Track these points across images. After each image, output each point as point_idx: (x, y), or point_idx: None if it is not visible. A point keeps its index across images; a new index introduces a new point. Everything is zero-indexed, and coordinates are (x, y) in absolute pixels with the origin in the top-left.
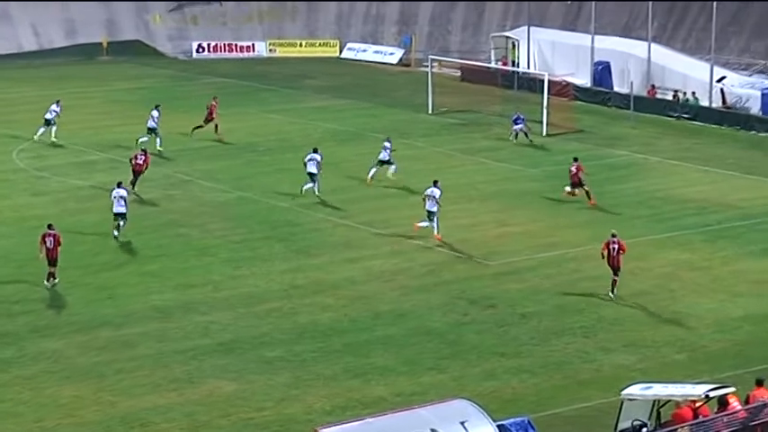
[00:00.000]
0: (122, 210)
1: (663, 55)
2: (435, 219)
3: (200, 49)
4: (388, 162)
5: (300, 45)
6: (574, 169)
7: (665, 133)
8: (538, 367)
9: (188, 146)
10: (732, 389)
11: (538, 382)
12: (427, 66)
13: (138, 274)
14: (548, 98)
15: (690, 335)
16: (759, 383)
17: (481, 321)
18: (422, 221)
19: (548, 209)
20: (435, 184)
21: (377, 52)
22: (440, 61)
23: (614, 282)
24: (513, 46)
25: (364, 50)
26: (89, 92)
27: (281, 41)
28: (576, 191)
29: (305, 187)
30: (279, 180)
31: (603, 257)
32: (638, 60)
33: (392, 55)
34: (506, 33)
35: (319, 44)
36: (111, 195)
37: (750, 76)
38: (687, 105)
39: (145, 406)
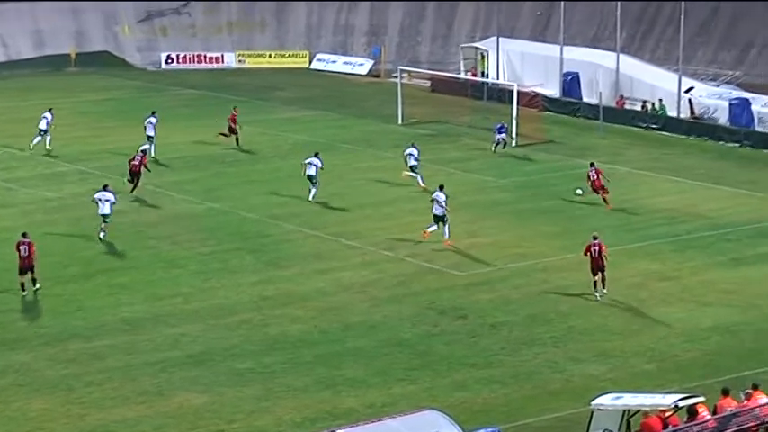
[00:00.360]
0: (107, 212)
1: (631, 66)
2: (446, 223)
3: (170, 60)
4: (414, 169)
5: (270, 56)
6: (594, 174)
7: (633, 143)
8: (508, 377)
9: (158, 156)
10: (701, 398)
11: (508, 393)
12: (397, 77)
13: (108, 286)
14: (517, 109)
15: (659, 344)
16: (725, 393)
17: (452, 332)
18: (430, 226)
19: (517, 220)
20: (441, 188)
21: (346, 63)
22: (409, 72)
23: (595, 283)
24: (483, 57)
25: (334, 61)
26: (57, 103)
27: (250, 52)
28: (603, 195)
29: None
30: (248, 191)
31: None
32: (607, 71)
33: (362, 66)
34: (476, 44)
35: (289, 55)
36: (95, 198)
37: (718, 86)
38: (655, 116)
39: (114, 419)
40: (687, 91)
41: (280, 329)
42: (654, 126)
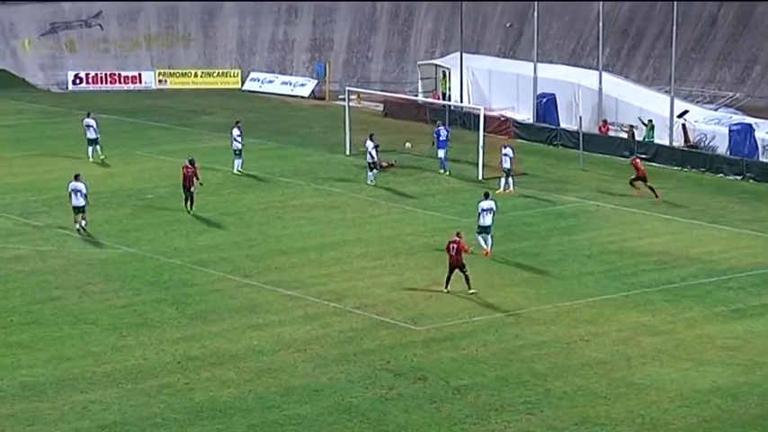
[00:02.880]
0: (81, 203)
1: (616, 86)
2: (490, 234)
3: (78, 80)
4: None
5: (196, 75)
6: (639, 163)
7: (619, 176)
8: None
9: (63, 193)
10: None
11: None
12: (344, 99)
13: (5, 345)
14: (484, 136)
15: (651, 410)
16: None
17: (409, 397)
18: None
19: (485, 265)
20: (487, 196)
21: (285, 83)
22: (359, 93)
23: (448, 279)
24: (444, 75)
25: (270, 81)
26: None
27: (172, 71)
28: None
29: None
30: (171, 233)
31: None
32: (588, 92)
33: (303, 86)
34: (436, 61)
35: (218, 74)
36: (68, 188)
37: (716, 110)
38: (644, 144)
39: None
40: (681, 115)
41: (207, 395)
42: (643, 156)
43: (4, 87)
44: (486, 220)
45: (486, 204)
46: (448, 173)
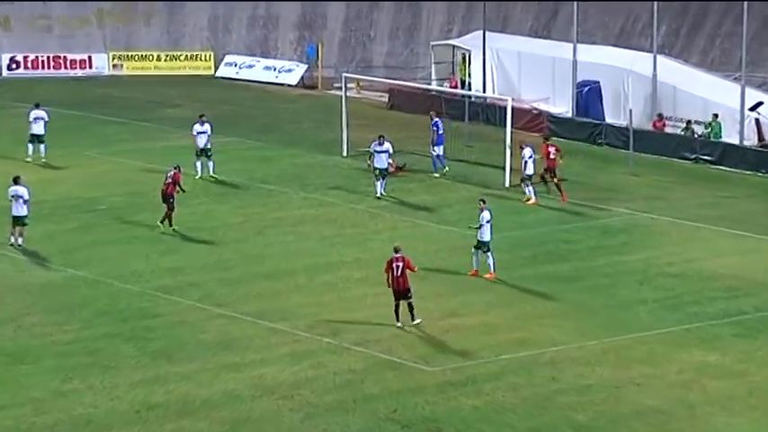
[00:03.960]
0: (23, 213)
1: (674, 71)
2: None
3: (14, 65)
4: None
5: (158, 59)
6: (553, 151)
7: (678, 182)
8: None
9: None
10: None
11: None
12: (340, 88)
13: None
14: (512, 133)
15: None
16: None
17: None
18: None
19: (513, 291)
20: (483, 203)
21: (268, 69)
22: (358, 81)
23: (397, 307)
24: (463, 59)
25: (250, 66)
26: None
27: (130, 54)
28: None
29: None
30: (128, 252)
31: (387, 282)
32: (640, 79)
33: (290, 73)
34: (453, 41)
35: (185, 57)
36: (8, 194)
37: None
38: (710, 143)
39: None
40: (754, 108)
41: None
42: (707, 157)
43: None
44: (485, 234)
45: (485, 214)
46: (447, 169)
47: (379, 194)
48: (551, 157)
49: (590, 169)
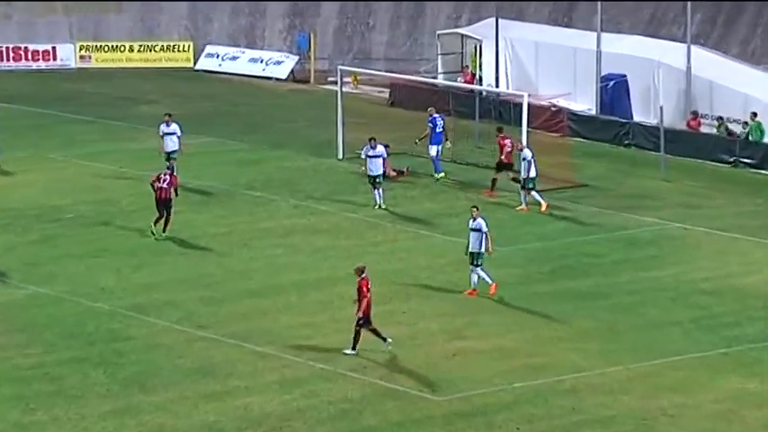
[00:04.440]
0: None
1: (710, 64)
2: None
3: None
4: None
5: (131, 50)
6: (509, 143)
7: (714, 188)
8: None
9: None
10: None
11: None
12: (335, 82)
13: None
14: (528, 133)
15: None
16: None
17: None
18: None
19: (528, 311)
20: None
21: (254, 61)
22: (355, 75)
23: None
24: (475, 50)
25: (234, 58)
26: None
27: (99, 44)
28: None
29: None
30: (97, 267)
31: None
32: (672, 73)
33: (279, 65)
34: (462, 30)
35: (161, 48)
36: None
37: None
38: (750, 144)
39: None
40: None
41: None
42: (747, 160)
43: None
44: (475, 244)
45: (474, 222)
46: (441, 175)
47: (377, 204)
48: (507, 150)
49: (615, 173)
